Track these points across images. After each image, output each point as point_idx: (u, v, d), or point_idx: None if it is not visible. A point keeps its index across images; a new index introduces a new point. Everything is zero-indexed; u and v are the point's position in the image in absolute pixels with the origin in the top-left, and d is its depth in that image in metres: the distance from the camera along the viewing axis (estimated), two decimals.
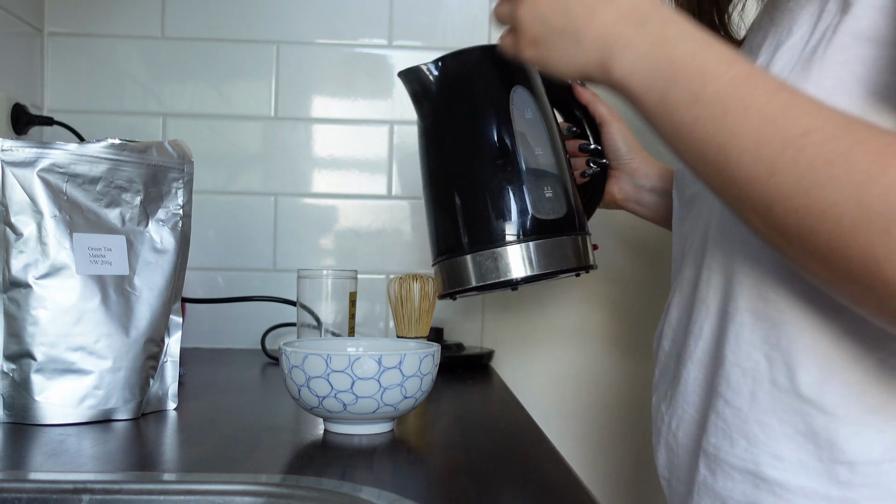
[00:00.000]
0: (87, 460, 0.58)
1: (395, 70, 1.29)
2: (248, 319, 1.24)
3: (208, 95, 1.26)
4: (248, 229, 1.27)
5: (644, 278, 1.29)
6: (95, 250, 0.70)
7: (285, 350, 0.66)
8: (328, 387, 0.64)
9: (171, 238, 0.75)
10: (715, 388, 0.61)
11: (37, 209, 0.67)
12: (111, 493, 0.50)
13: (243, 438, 0.65)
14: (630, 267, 1.31)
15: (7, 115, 1.10)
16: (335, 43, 1.27)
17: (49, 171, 0.68)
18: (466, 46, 0.87)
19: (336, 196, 1.28)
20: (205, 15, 1.26)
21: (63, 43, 1.25)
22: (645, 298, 1.29)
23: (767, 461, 0.57)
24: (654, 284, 1.28)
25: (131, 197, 0.73)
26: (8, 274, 0.67)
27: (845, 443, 0.54)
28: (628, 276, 1.30)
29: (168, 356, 0.76)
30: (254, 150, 1.28)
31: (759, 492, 0.58)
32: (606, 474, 1.31)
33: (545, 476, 0.57)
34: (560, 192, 0.83)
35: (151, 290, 0.73)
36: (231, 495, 0.50)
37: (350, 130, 1.28)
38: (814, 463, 0.55)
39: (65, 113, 1.23)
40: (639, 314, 1.30)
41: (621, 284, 1.30)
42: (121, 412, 0.70)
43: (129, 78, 1.26)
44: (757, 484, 0.58)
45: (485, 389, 0.97)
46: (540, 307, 1.31)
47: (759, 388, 0.57)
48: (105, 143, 0.71)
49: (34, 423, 0.67)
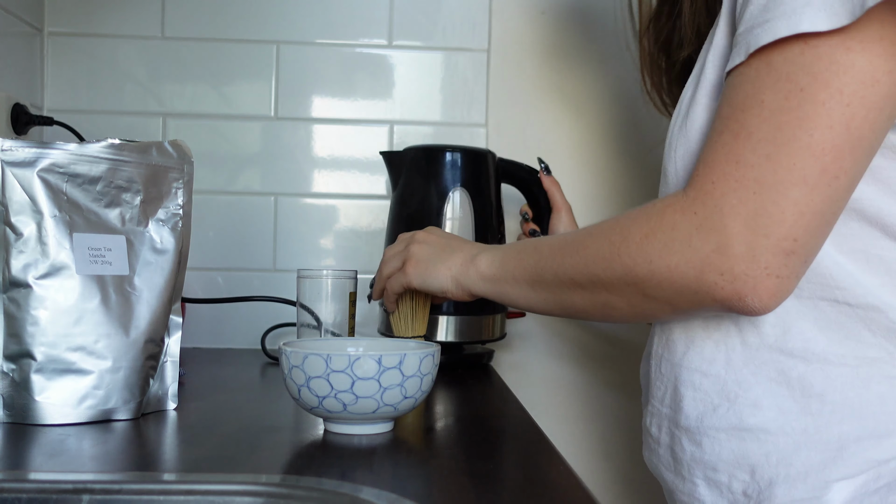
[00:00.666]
0: (87, 460, 0.58)
1: (396, 70, 1.29)
2: (248, 319, 1.24)
3: (208, 95, 1.26)
4: (248, 229, 1.27)
5: None
6: (95, 250, 0.70)
7: (285, 350, 0.66)
8: (328, 387, 0.64)
9: (171, 238, 0.75)
10: (689, 366, 0.70)
11: (37, 209, 0.67)
12: (111, 493, 0.50)
13: (243, 438, 0.65)
14: None
15: (7, 115, 1.10)
16: (335, 43, 1.27)
17: (49, 171, 0.68)
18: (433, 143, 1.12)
19: (336, 196, 1.28)
20: (205, 15, 1.26)
21: (63, 43, 1.25)
22: None
23: (749, 412, 0.66)
24: None
25: (131, 197, 0.73)
26: (8, 274, 0.67)
27: (813, 379, 0.64)
28: None
29: (168, 356, 0.76)
30: (254, 150, 1.28)
31: (745, 444, 0.66)
32: (606, 474, 1.31)
33: (545, 476, 0.57)
34: None
35: (151, 290, 0.73)
36: (231, 495, 0.50)
37: (350, 130, 1.28)
38: (789, 404, 0.65)
39: (65, 113, 1.23)
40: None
41: None
42: (121, 412, 0.70)
43: (129, 78, 1.26)
44: (742, 437, 0.67)
45: (485, 389, 0.97)
46: None
47: (732, 351, 0.68)
48: (105, 143, 0.71)
49: (34, 423, 0.67)
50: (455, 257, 0.80)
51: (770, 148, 0.57)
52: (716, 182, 0.59)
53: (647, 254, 0.62)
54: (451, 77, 1.29)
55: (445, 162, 1.10)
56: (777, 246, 0.57)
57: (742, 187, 0.58)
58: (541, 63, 1.29)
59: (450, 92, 1.29)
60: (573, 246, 0.69)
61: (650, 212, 0.64)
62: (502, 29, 1.29)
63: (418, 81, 1.29)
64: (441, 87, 1.29)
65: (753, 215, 0.57)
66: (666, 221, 0.62)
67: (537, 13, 1.29)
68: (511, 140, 1.28)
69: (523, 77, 1.29)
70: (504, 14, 1.29)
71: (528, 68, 1.29)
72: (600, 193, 1.31)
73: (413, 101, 1.28)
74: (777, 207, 0.57)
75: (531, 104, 1.29)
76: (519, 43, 1.29)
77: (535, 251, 0.73)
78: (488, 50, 1.29)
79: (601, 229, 0.68)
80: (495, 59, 1.29)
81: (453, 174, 1.10)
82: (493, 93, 1.29)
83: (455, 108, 1.29)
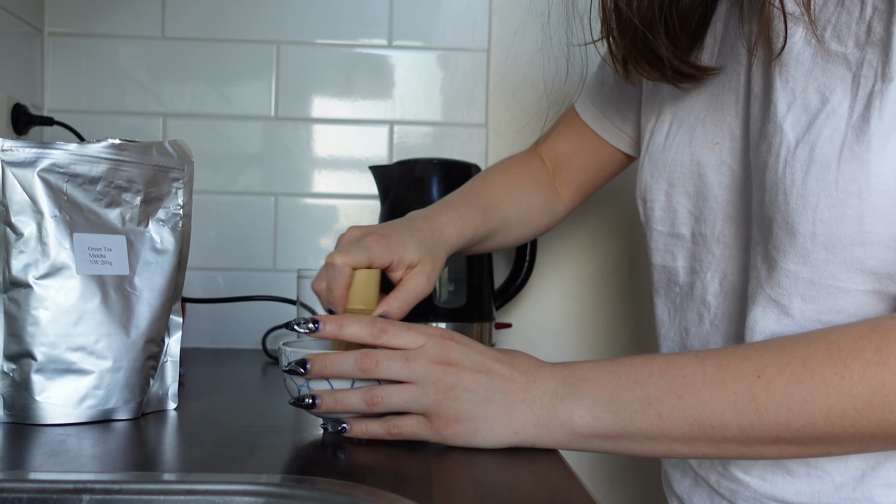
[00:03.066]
0: (87, 460, 0.58)
1: (396, 70, 1.29)
2: (248, 319, 1.24)
3: (208, 95, 1.26)
4: (248, 229, 1.27)
5: (649, 283, 1.29)
6: (95, 250, 0.70)
7: (284, 350, 0.66)
8: (327, 387, 0.63)
9: (171, 238, 0.75)
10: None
11: (37, 209, 0.67)
12: (111, 493, 0.50)
13: (243, 438, 0.65)
14: (636, 271, 1.31)
15: (7, 115, 1.10)
16: (335, 43, 1.28)
17: (49, 171, 0.68)
18: (419, 157, 1.14)
19: (336, 196, 1.28)
20: (205, 15, 1.26)
21: (63, 43, 1.25)
22: (648, 301, 1.29)
23: (881, 492, 0.60)
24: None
25: (131, 197, 0.73)
26: (8, 274, 0.67)
27: None
28: (631, 279, 1.30)
29: (168, 356, 0.76)
30: (254, 150, 1.28)
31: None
32: (606, 474, 1.31)
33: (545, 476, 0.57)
34: (462, 289, 1.12)
35: (151, 290, 0.73)
36: (231, 495, 0.50)
37: (350, 130, 1.28)
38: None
39: (65, 113, 1.23)
40: (644, 317, 1.30)
41: (625, 287, 1.30)
42: (121, 412, 0.70)
43: (130, 78, 1.26)
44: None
45: None
46: (541, 308, 1.31)
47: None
48: (105, 143, 0.71)
49: (34, 423, 0.67)
50: (519, 411, 0.58)
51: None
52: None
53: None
54: (451, 77, 1.29)
55: (432, 175, 1.13)
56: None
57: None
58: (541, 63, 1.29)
59: (450, 92, 1.29)
60: (769, 395, 0.52)
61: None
62: (502, 29, 1.29)
63: (418, 81, 1.29)
64: (441, 87, 1.29)
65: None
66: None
67: (537, 13, 1.29)
68: (511, 140, 1.29)
69: (523, 77, 1.29)
70: (504, 14, 1.29)
71: (528, 68, 1.29)
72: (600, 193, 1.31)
73: (413, 101, 1.29)
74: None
75: (531, 104, 1.29)
76: (519, 43, 1.29)
77: (679, 396, 0.55)
78: (488, 50, 1.29)
79: (817, 371, 0.52)
80: (495, 59, 1.29)
81: (440, 187, 1.12)
82: (493, 93, 1.29)
83: (455, 108, 1.29)
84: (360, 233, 0.73)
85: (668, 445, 0.56)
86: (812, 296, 0.58)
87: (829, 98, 0.56)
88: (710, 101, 0.70)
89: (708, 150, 0.69)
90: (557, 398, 0.57)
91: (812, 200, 0.56)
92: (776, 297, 0.60)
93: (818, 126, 0.56)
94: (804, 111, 0.58)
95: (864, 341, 0.51)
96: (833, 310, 0.58)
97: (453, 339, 0.60)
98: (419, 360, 0.58)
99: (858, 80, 0.55)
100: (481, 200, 0.86)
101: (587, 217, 1.31)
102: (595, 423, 0.57)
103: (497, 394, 0.58)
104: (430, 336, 0.59)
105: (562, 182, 0.96)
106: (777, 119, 0.59)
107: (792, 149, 0.57)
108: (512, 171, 0.93)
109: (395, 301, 0.70)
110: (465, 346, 0.59)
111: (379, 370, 0.58)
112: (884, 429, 0.50)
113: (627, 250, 1.31)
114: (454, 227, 0.80)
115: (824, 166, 0.55)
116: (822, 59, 0.57)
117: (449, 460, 0.59)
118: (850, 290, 0.56)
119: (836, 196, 0.55)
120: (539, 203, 0.93)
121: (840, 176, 0.54)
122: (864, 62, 0.55)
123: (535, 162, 0.96)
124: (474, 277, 1.13)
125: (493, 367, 0.59)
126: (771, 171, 0.59)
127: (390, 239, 0.71)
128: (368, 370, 0.58)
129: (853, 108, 0.55)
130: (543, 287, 1.31)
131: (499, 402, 0.58)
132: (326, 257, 0.67)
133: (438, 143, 1.29)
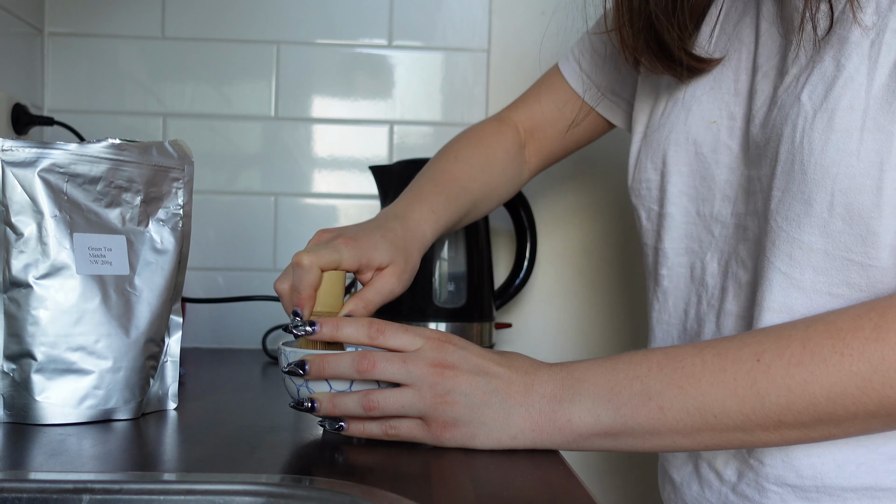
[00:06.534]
0: (87, 460, 0.58)
1: (396, 70, 1.29)
2: (248, 319, 1.24)
3: (208, 95, 1.27)
4: (248, 229, 1.27)
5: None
6: (95, 250, 0.70)
7: (284, 350, 0.66)
8: (327, 387, 0.63)
9: (171, 238, 0.75)
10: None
11: (37, 209, 0.67)
12: (111, 492, 0.50)
13: (243, 438, 0.65)
14: (636, 272, 1.31)
15: (7, 115, 1.10)
16: (335, 43, 1.28)
17: (49, 171, 0.68)
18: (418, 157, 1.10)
19: (336, 196, 1.28)
20: (205, 15, 1.26)
21: (63, 43, 1.25)
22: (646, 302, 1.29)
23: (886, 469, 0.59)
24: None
25: (131, 197, 0.73)
26: (8, 274, 0.67)
27: None
28: (632, 279, 1.31)
29: (168, 356, 0.76)
30: (254, 150, 1.28)
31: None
32: (606, 475, 1.31)
33: (545, 476, 0.57)
34: (462, 288, 1.12)
35: (151, 290, 0.73)
36: (231, 495, 0.50)
37: (350, 130, 1.28)
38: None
39: (65, 113, 1.23)
40: (644, 317, 1.30)
41: (625, 287, 1.31)
42: (121, 412, 0.70)
43: (130, 78, 1.26)
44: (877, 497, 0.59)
45: None
46: (541, 308, 1.31)
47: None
48: (105, 143, 0.71)
49: (34, 423, 0.67)
50: (517, 416, 0.57)
51: None
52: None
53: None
54: (451, 77, 1.29)
55: None
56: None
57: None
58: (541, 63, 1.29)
59: (450, 92, 1.29)
60: (769, 378, 0.53)
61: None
62: (502, 29, 1.29)
63: (418, 81, 1.29)
64: (441, 88, 1.29)
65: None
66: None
67: (537, 13, 1.29)
68: None
69: (523, 77, 1.29)
70: (504, 14, 1.29)
71: (528, 68, 1.29)
72: (601, 193, 1.31)
73: (413, 101, 1.29)
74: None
75: None
76: (519, 43, 1.29)
77: (679, 387, 0.55)
78: (488, 50, 1.29)
79: (816, 351, 0.52)
80: (495, 59, 1.29)
81: None
82: (493, 93, 1.29)
83: (455, 108, 1.29)
84: (329, 235, 0.71)
85: (670, 439, 0.55)
86: (825, 267, 0.58)
87: (845, 65, 0.55)
88: (707, 81, 0.69)
89: (705, 129, 0.69)
90: (556, 401, 0.57)
91: (832, 170, 0.55)
92: (786, 269, 0.59)
93: (836, 94, 0.56)
94: (820, 79, 0.57)
95: (862, 320, 0.52)
96: (844, 283, 0.57)
97: (451, 342, 0.59)
98: (416, 363, 0.58)
99: (879, 47, 0.54)
100: (453, 187, 0.83)
101: (587, 217, 1.31)
102: (595, 423, 0.56)
103: (495, 397, 0.57)
104: (427, 338, 0.59)
105: (532, 150, 0.93)
106: (794, 89, 0.59)
107: (810, 118, 0.56)
108: (483, 146, 0.89)
109: (360, 301, 0.69)
110: (463, 349, 0.59)
111: (376, 372, 0.58)
112: (885, 406, 0.51)
113: (627, 250, 1.31)
114: (428, 225, 0.78)
115: (845, 135, 0.54)
116: (838, 27, 0.56)
117: (448, 460, 0.59)
118: (863, 263, 0.56)
119: (857, 166, 0.54)
120: (507, 179, 0.90)
121: (863, 146, 0.54)
122: (887, 29, 0.54)
123: (508, 132, 0.91)
124: (474, 277, 1.13)
125: (490, 369, 0.58)
126: (787, 141, 0.58)
127: (360, 241, 0.70)
128: (365, 372, 0.58)
129: (872, 75, 0.54)
130: (543, 287, 1.31)
131: (496, 405, 0.57)
132: (293, 257, 0.65)
133: (438, 143, 1.29)
